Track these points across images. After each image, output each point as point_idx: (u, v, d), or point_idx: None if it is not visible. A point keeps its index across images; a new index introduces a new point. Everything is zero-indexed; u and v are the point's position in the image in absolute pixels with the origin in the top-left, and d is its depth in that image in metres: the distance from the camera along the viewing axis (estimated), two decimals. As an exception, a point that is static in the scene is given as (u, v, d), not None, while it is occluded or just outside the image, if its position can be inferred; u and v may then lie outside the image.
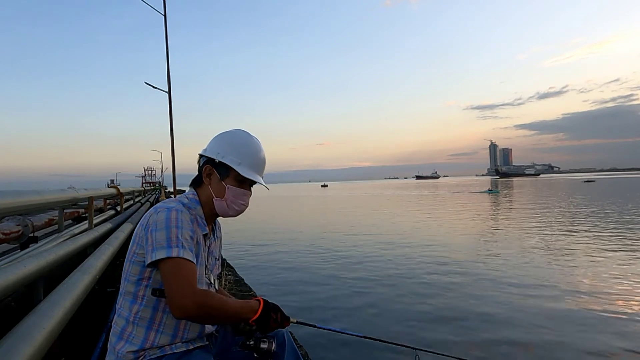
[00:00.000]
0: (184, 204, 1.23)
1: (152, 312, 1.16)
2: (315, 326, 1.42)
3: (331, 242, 11.97)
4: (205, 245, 1.29)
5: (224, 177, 1.29)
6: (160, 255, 1.08)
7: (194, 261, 1.13)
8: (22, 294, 2.31)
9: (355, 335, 1.49)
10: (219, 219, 1.41)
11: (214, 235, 1.38)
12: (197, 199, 1.30)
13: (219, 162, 1.28)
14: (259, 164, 1.33)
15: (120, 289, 1.21)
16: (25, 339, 1.29)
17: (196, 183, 1.33)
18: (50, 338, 1.44)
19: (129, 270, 1.18)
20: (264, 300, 1.23)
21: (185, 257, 1.10)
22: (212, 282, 1.35)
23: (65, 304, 1.72)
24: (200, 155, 1.34)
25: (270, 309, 1.23)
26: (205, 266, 1.30)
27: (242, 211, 1.34)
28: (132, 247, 1.20)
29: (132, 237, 1.21)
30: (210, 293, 1.14)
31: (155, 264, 1.10)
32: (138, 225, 1.21)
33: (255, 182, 1.33)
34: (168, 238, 1.10)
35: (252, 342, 1.22)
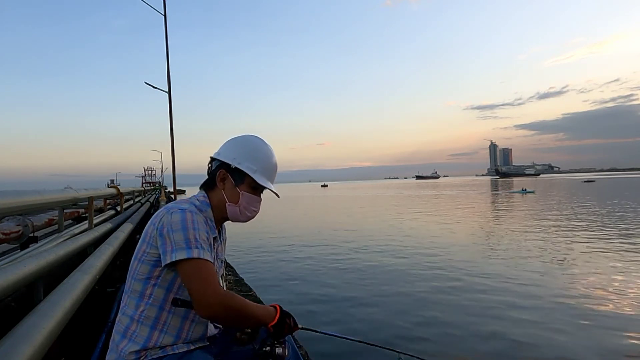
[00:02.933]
0: (195, 206, 1.24)
1: (157, 312, 1.16)
2: (316, 331, 1.49)
3: (335, 246, 11.98)
4: (214, 247, 1.30)
5: (238, 184, 1.29)
6: (181, 256, 1.09)
7: (213, 262, 1.15)
8: (22, 294, 2.31)
9: (350, 339, 1.58)
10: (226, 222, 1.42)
11: (220, 238, 1.39)
12: (208, 201, 1.30)
13: (235, 168, 1.28)
14: (272, 170, 1.35)
15: (126, 288, 1.21)
16: (25, 339, 1.29)
17: (208, 186, 1.33)
18: (50, 338, 1.44)
19: (138, 268, 1.18)
20: (280, 306, 1.26)
21: (205, 257, 1.11)
22: (220, 284, 1.35)
23: (65, 304, 1.72)
24: (212, 159, 1.34)
25: (286, 314, 1.26)
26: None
27: (253, 217, 1.35)
28: (141, 246, 1.19)
29: (142, 236, 1.21)
30: (234, 294, 1.15)
31: (173, 265, 1.11)
32: (149, 224, 1.21)
33: (265, 188, 1.35)
34: (187, 239, 1.11)
35: (268, 348, 1.24)
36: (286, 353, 1.26)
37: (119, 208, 7.37)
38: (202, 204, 1.28)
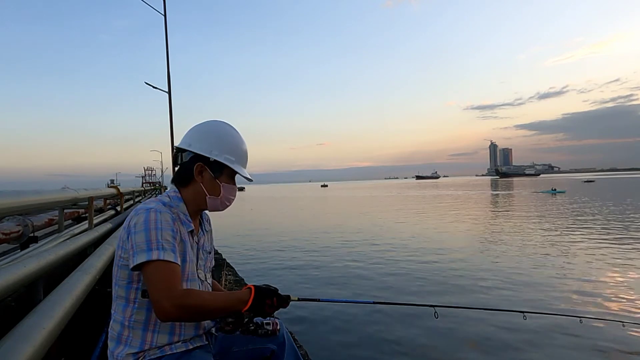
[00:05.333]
0: (164, 203, 1.20)
1: (146, 314, 1.15)
2: (319, 300, 1.40)
3: (337, 247, 11.96)
4: (194, 241, 1.28)
5: (217, 175, 1.27)
6: (141, 259, 1.07)
7: (177, 261, 1.11)
8: (22, 294, 2.31)
9: (364, 303, 1.47)
10: (212, 213, 1.40)
11: (202, 229, 1.36)
12: (180, 196, 1.27)
13: (214, 160, 1.25)
14: (246, 157, 1.35)
15: (113, 294, 1.21)
16: (25, 339, 1.29)
17: (181, 179, 1.28)
18: (50, 338, 1.45)
19: (118, 274, 1.18)
20: (255, 287, 1.20)
21: (166, 259, 1.08)
22: (205, 277, 1.33)
23: (65, 304, 1.72)
24: (180, 150, 1.29)
25: (264, 294, 1.19)
26: (197, 263, 1.28)
27: (230, 204, 1.35)
28: (117, 251, 1.18)
29: (117, 241, 1.19)
30: (192, 292, 1.11)
31: (138, 268, 1.09)
32: (121, 228, 1.20)
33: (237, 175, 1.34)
34: (148, 240, 1.09)
35: (252, 327, 1.25)
36: (277, 328, 1.27)
37: (119, 208, 7.37)
38: (172, 199, 1.25)
